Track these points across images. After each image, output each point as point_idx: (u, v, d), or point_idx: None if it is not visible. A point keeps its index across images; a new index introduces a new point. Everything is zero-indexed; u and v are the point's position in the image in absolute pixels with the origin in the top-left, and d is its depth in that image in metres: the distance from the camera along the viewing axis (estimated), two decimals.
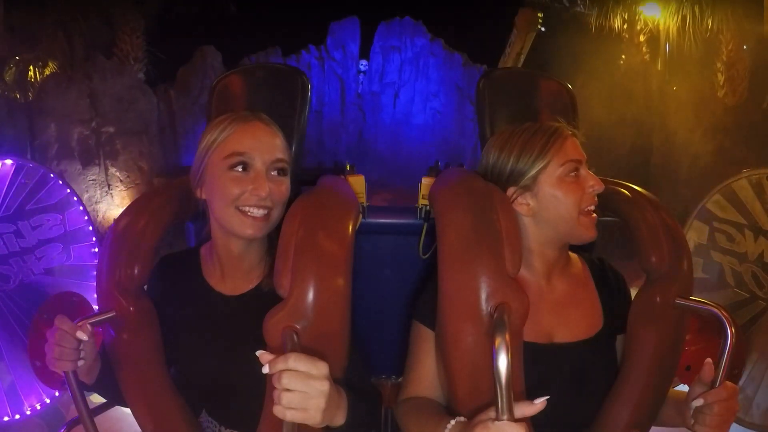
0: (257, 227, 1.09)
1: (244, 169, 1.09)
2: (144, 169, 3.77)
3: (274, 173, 1.11)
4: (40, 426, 2.33)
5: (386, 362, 1.53)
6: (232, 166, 1.08)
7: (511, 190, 1.17)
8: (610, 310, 1.22)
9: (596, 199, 1.16)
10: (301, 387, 0.85)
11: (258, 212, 1.08)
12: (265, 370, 0.87)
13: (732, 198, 2.23)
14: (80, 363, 1.08)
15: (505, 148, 1.19)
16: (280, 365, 0.85)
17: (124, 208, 1.22)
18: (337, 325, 1.01)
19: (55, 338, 1.05)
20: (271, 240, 1.18)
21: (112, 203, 3.41)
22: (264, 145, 1.10)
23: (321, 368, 0.86)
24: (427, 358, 1.16)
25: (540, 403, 0.84)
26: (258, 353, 0.88)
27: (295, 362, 0.85)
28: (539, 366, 1.10)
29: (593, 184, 1.15)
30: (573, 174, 1.15)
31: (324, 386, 0.86)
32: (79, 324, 1.07)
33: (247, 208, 1.08)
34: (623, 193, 1.25)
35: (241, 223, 1.09)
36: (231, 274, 1.18)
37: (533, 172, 1.15)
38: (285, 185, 1.13)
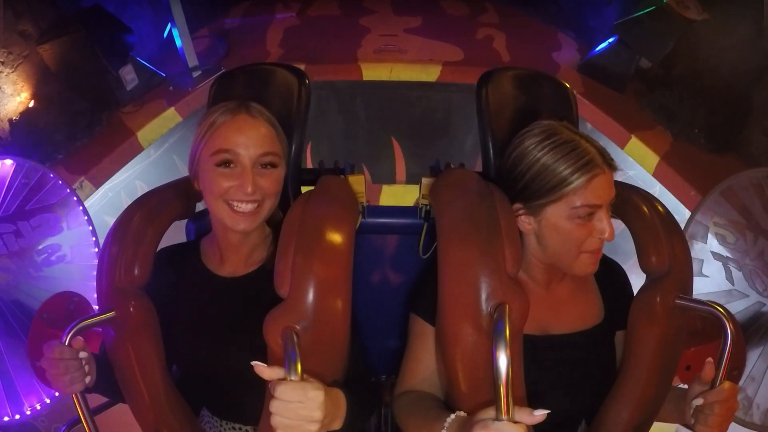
0: (247, 221, 1.10)
1: (231, 165, 1.09)
2: (28, 32, 2.59)
3: (261, 168, 1.10)
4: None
5: (386, 362, 1.53)
6: (219, 164, 1.09)
7: (516, 206, 1.12)
8: (611, 304, 1.22)
9: (604, 243, 1.08)
10: (292, 416, 0.85)
11: (246, 207, 1.09)
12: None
13: (732, 198, 2.23)
14: (88, 379, 1.11)
15: (528, 158, 1.08)
16: (272, 391, 0.86)
17: (125, 208, 1.22)
18: (337, 326, 1.01)
19: (60, 370, 1.06)
20: (272, 224, 1.20)
21: (5, 95, 2.52)
22: (249, 140, 1.09)
23: (312, 398, 0.86)
24: (426, 352, 1.16)
25: (540, 415, 0.83)
26: (253, 364, 0.88)
27: (284, 393, 0.85)
28: (534, 357, 1.10)
29: (603, 231, 1.05)
30: (586, 216, 1.05)
31: (315, 416, 0.86)
32: (72, 342, 1.07)
33: (235, 203, 1.09)
34: (624, 192, 1.25)
35: (231, 218, 1.10)
36: (231, 259, 1.20)
37: (543, 201, 1.07)
38: (274, 177, 1.12)
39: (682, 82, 2.92)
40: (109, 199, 3.01)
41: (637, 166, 3.06)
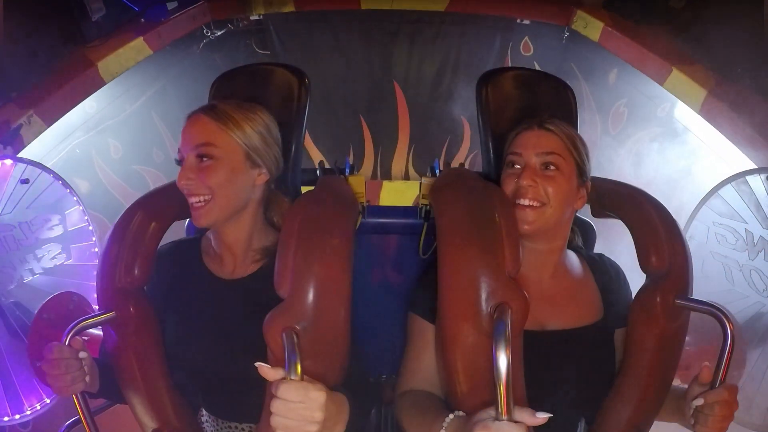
0: (197, 215, 1.12)
1: (183, 162, 1.13)
2: None
3: (200, 161, 1.11)
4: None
5: (386, 362, 1.53)
6: (178, 162, 1.14)
7: None
8: (610, 302, 1.23)
9: (528, 194, 1.13)
10: (292, 416, 0.85)
11: (192, 200, 1.12)
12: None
13: (732, 198, 2.23)
14: (88, 379, 1.11)
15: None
16: (273, 390, 0.86)
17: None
18: (338, 326, 1.01)
19: (60, 370, 1.06)
20: (274, 224, 1.21)
21: None
22: (189, 136, 1.12)
23: (314, 399, 0.86)
24: (426, 351, 1.16)
25: (542, 417, 0.84)
26: (257, 365, 0.88)
27: (286, 392, 0.85)
28: (531, 351, 1.09)
29: (519, 182, 1.14)
30: (516, 166, 1.17)
31: (316, 416, 0.86)
32: (71, 342, 1.08)
33: (189, 199, 1.12)
34: (623, 193, 1.25)
35: (192, 213, 1.13)
36: (228, 259, 1.20)
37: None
38: (213, 171, 1.10)
39: (719, 21, 2.59)
40: (78, 157, 2.75)
41: (655, 129, 2.88)
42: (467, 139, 3.14)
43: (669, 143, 2.87)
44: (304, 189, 1.30)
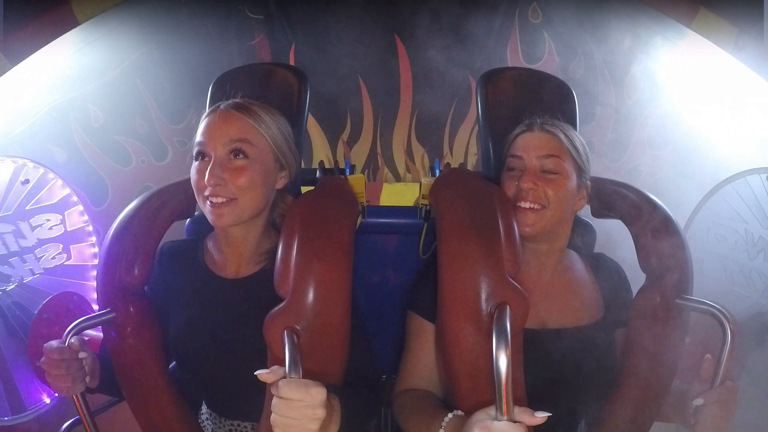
0: (219, 214, 1.08)
1: (203, 158, 1.10)
2: None
3: (232, 158, 1.08)
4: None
5: (386, 362, 1.53)
6: (195, 157, 1.11)
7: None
8: (611, 302, 1.23)
9: (528, 197, 1.13)
10: (294, 414, 0.85)
11: (217, 199, 1.08)
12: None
13: (732, 198, 2.23)
14: (88, 379, 1.11)
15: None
16: (273, 390, 0.86)
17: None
18: (338, 326, 1.01)
19: (60, 370, 1.06)
20: (275, 226, 1.20)
21: None
22: (218, 131, 1.09)
23: (315, 396, 0.86)
24: (425, 350, 1.16)
25: (541, 417, 0.84)
26: (256, 373, 0.88)
27: (287, 391, 0.85)
28: (532, 350, 1.10)
29: (519, 185, 1.14)
30: (516, 169, 1.18)
31: (317, 414, 0.86)
32: (71, 342, 1.08)
33: (210, 198, 1.09)
34: (624, 193, 1.25)
35: (209, 212, 1.10)
36: (233, 259, 1.19)
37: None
38: (245, 170, 1.08)
39: None
40: (55, 121, 2.48)
41: (673, 98, 2.73)
42: (474, 103, 2.77)
43: (687, 114, 2.73)
44: (304, 189, 1.31)
